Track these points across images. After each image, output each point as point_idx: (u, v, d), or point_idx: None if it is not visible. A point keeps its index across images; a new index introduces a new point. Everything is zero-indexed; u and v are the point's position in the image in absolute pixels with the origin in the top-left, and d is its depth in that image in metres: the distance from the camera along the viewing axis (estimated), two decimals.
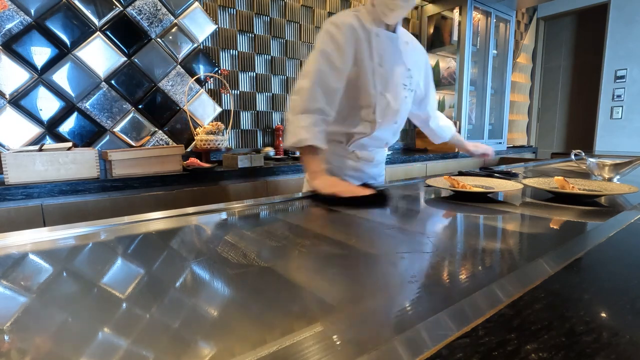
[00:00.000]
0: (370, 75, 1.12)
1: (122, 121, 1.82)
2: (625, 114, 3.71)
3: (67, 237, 0.60)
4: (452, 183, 0.92)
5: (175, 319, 0.34)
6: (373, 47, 1.12)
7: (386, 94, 1.16)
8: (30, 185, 1.22)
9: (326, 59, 1.06)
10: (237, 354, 0.27)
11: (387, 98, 1.16)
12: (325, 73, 1.06)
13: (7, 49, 1.51)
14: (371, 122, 1.17)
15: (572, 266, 0.42)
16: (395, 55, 1.18)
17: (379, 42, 1.13)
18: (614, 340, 0.27)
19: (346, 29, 1.07)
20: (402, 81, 1.20)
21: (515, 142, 4.36)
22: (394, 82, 1.18)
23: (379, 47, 1.13)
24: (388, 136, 1.28)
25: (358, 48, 1.10)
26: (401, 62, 1.20)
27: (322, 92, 1.06)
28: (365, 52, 1.11)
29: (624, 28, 3.65)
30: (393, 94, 1.18)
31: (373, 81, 1.13)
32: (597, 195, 0.83)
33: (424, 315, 0.31)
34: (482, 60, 3.18)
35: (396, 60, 1.18)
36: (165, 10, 1.88)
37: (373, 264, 0.47)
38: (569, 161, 1.91)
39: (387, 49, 1.15)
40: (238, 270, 0.46)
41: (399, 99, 1.20)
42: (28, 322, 0.33)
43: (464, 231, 0.65)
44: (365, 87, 1.13)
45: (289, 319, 0.33)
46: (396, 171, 2.35)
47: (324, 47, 1.07)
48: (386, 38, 1.15)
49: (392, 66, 1.17)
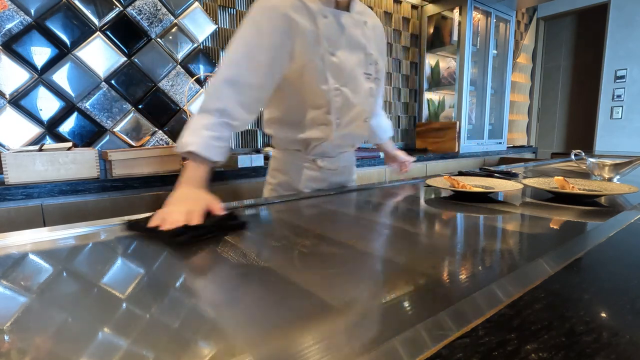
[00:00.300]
0: (320, 68, 0.91)
1: (122, 121, 1.82)
2: (625, 114, 3.71)
3: (67, 237, 0.60)
4: (452, 183, 0.92)
5: (175, 319, 0.34)
6: (320, 32, 0.90)
7: (343, 88, 0.95)
8: (30, 185, 1.22)
9: (245, 49, 0.86)
10: (237, 354, 0.27)
11: (344, 94, 0.95)
12: (241, 67, 0.85)
13: (7, 49, 1.51)
14: (327, 125, 0.97)
15: (572, 266, 0.42)
16: (351, 39, 0.95)
17: (328, 24, 0.91)
18: (614, 340, 0.27)
19: (276, 16, 0.86)
20: (362, 70, 0.99)
21: (515, 142, 4.36)
22: (352, 73, 0.96)
23: (328, 31, 0.91)
24: (354, 138, 1.08)
25: (297, 38, 0.88)
26: (360, 46, 0.98)
27: (231, 89, 0.84)
28: (310, 40, 0.89)
29: (624, 28, 3.65)
30: (352, 87, 0.97)
31: (324, 75, 0.92)
32: (597, 195, 0.83)
33: (424, 315, 0.31)
34: (482, 60, 3.18)
35: (353, 45, 0.96)
36: (165, 10, 1.88)
37: (372, 264, 0.47)
38: (569, 161, 1.91)
39: (339, 32, 0.93)
40: (238, 270, 0.46)
41: (360, 93, 0.99)
42: (28, 322, 0.33)
43: (464, 231, 0.65)
44: (313, 83, 0.92)
45: (289, 318, 0.33)
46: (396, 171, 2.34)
47: (244, 34, 0.86)
48: (337, 18, 0.93)
49: (348, 53, 0.95)
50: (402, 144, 3.23)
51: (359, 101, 0.99)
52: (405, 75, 3.17)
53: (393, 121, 3.14)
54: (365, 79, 1.00)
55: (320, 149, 1.03)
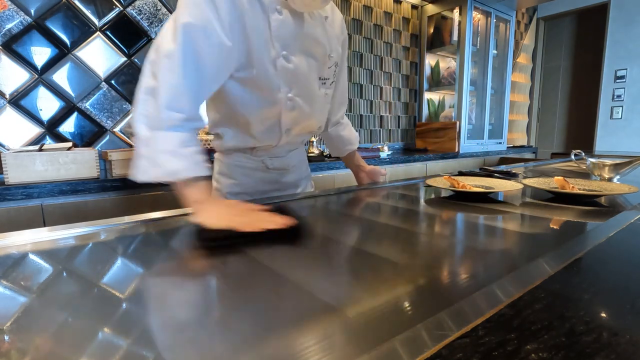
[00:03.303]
0: (270, 74, 0.78)
1: (122, 121, 1.82)
2: (625, 114, 3.71)
3: (67, 237, 0.60)
4: (452, 183, 0.92)
5: (175, 318, 0.34)
6: (273, 34, 0.75)
7: (296, 98, 0.84)
8: (30, 185, 1.22)
9: (200, 29, 0.66)
10: (237, 354, 0.27)
11: (297, 103, 0.85)
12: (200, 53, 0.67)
13: (7, 49, 1.51)
14: (276, 134, 0.89)
15: (572, 266, 0.42)
16: (308, 40, 0.82)
17: (282, 23, 0.75)
18: (614, 340, 0.27)
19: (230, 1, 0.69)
20: (318, 75, 0.88)
21: (515, 142, 4.36)
22: (306, 80, 0.85)
23: (283, 32, 0.76)
24: (304, 138, 1.00)
25: (249, 33, 0.73)
26: (319, 47, 0.85)
27: (193, 88, 0.68)
28: (260, 40, 0.75)
29: (624, 28, 3.65)
30: (306, 95, 0.86)
31: (275, 82, 0.80)
32: (597, 195, 0.83)
33: (424, 315, 0.31)
34: (482, 60, 3.18)
35: (310, 47, 0.83)
36: (165, 10, 1.88)
37: (372, 263, 0.47)
38: (569, 161, 1.91)
39: (294, 33, 0.78)
40: (238, 270, 0.46)
41: (315, 101, 0.89)
42: (28, 322, 0.33)
43: (463, 231, 0.65)
44: (264, 88, 0.80)
45: (289, 318, 0.33)
46: (396, 171, 2.35)
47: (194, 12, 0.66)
48: (293, 17, 0.77)
49: (304, 57, 0.82)
50: (402, 144, 3.24)
51: (313, 111, 0.90)
52: (405, 75, 3.17)
53: (393, 121, 3.14)
54: (321, 85, 0.90)
55: (267, 151, 0.96)
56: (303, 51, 0.82)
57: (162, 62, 0.66)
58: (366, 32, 2.81)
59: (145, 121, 0.67)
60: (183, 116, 0.67)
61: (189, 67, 0.67)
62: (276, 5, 0.74)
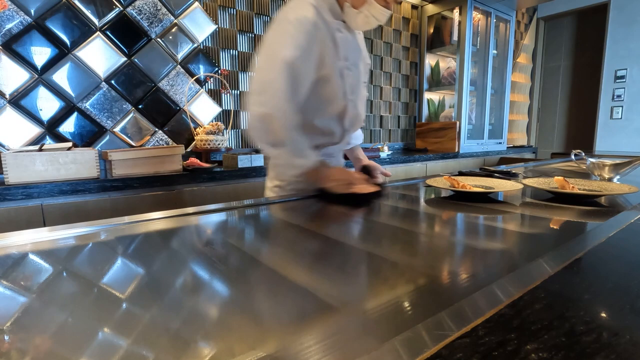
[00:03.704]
0: (339, 81, 0.96)
1: (122, 121, 1.82)
2: (625, 114, 3.71)
3: (67, 237, 0.60)
4: (452, 183, 0.92)
5: (175, 318, 0.34)
6: (339, 47, 0.94)
7: (356, 100, 1.04)
8: (30, 185, 1.22)
9: (291, 69, 0.86)
10: (237, 354, 0.27)
11: (355, 104, 1.04)
12: (292, 90, 0.87)
13: (7, 49, 1.51)
14: (336, 131, 1.06)
15: (572, 266, 0.42)
16: (356, 52, 1.03)
17: (344, 39, 0.95)
18: (614, 340, 0.27)
19: (308, 26, 0.87)
20: (363, 79, 1.09)
21: (515, 142, 4.36)
22: (359, 85, 1.05)
23: (345, 46, 0.95)
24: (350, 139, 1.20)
25: (323, 50, 0.91)
26: (362, 56, 1.07)
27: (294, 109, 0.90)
28: (331, 53, 0.93)
29: (624, 28, 3.65)
30: (358, 97, 1.05)
31: (343, 87, 0.98)
32: (597, 195, 0.83)
33: (424, 315, 0.31)
34: (482, 60, 3.18)
35: (358, 58, 1.04)
36: (165, 10, 1.88)
37: (372, 263, 0.47)
38: (569, 161, 1.91)
39: (351, 47, 0.99)
40: (238, 270, 0.46)
41: (362, 101, 1.09)
42: (28, 322, 0.33)
43: (464, 231, 0.65)
44: (333, 95, 0.97)
45: (289, 318, 0.33)
46: (396, 171, 2.35)
47: (285, 53, 0.85)
48: (348, 33, 0.97)
49: (357, 66, 1.03)
50: (402, 144, 3.24)
51: (361, 109, 1.09)
52: (405, 75, 3.17)
53: (393, 121, 3.14)
54: (364, 87, 1.09)
55: (326, 152, 1.11)
56: (356, 60, 1.02)
57: (269, 92, 0.86)
58: (366, 32, 2.81)
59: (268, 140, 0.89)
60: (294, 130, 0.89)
61: (290, 94, 0.87)
62: (338, 26, 0.94)
